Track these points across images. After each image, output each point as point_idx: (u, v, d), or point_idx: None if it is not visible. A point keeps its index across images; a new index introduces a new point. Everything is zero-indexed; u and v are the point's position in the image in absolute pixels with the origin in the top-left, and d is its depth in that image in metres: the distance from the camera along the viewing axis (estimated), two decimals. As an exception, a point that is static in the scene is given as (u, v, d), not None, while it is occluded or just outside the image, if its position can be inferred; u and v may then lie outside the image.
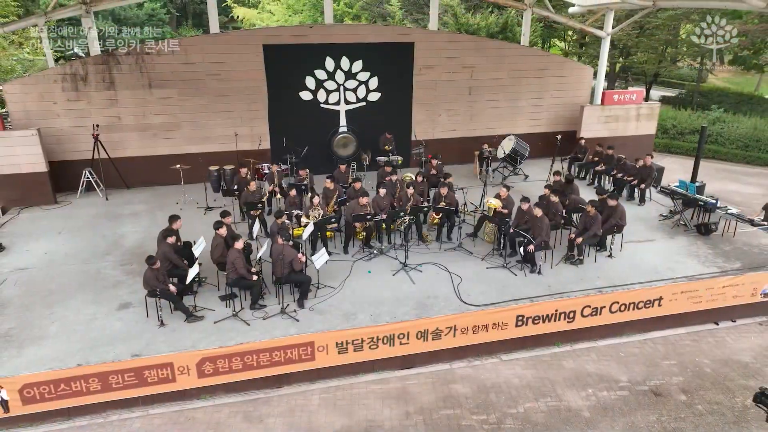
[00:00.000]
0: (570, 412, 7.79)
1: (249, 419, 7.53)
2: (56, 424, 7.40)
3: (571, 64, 17.27)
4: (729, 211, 12.32)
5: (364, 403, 7.87)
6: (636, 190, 13.32)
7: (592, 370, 8.69)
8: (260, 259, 9.14)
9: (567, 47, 31.08)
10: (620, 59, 26.94)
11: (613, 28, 16.75)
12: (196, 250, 9.01)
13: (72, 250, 10.71)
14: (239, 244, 8.62)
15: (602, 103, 16.21)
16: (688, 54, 25.95)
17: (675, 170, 18.66)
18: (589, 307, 9.13)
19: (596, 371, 8.67)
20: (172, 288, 8.29)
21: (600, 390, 8.24)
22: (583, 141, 15.38)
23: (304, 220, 10.50)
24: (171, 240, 8.76)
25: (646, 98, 32.05)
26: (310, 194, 11.86)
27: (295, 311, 8.50)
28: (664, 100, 32.05)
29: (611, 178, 13.95)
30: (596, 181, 14.37)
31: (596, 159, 14.64)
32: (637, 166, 13.29)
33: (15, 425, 7.30)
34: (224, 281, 8.88)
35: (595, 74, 17.51)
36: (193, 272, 8.25)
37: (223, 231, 9.03)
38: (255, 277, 8.62)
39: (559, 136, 14.75)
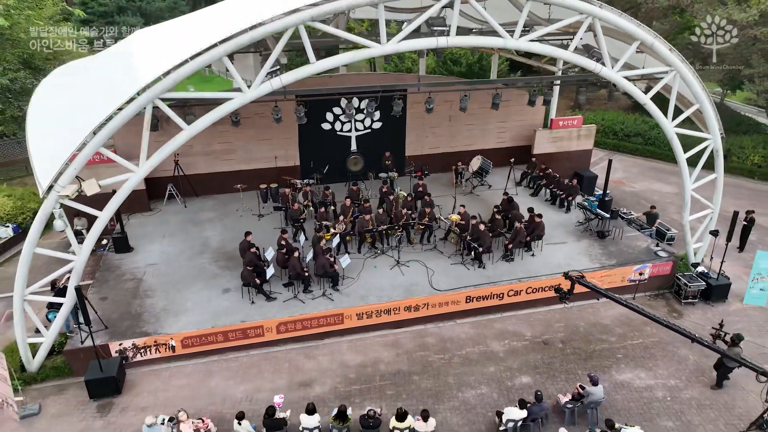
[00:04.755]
0: (493, 353, 13.40)
1: (308, 357, 13.15)
2: (199, 359, 13.01)
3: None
4: (627, 216, 17.78)
5: (373, 348, 13.47)
6: (565, 201, 18.62)
7: (511, 329, 14.27)
8: (308, 262, 14.54)
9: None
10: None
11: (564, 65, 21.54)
12: (268, 255, 14.45)
13: (177, 250, 16.15)
14: (296, 254, 14.06)
15: (551, 127, 21.25)
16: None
17: (616, 169, 23.59)
18: (513, 290, 14.64)
19: (513, 330, 14.25)
20: (257, 281, 13.75)
21: (513, 341, 13.84)
22: (534, 159, 20.54)
23: (331, 230, 15.87)
24: (253, 251, 14.18)
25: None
26: (333, 208, 17.21)
27: (331, 294, 14.01)
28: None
29: (548, 191, 19.24)
30: (537, 193, 19.65)
31: (542, 174, 19.84)
32: (566, 183, 18.58)
33: (177, 360, 12.92)
34: (285, 274, 14.36)
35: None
36: (270, 272, 13.71)
37: (284, 245, 14.40)
38: (306, 273, 14.08)
39: (512, 160, 19.95)
